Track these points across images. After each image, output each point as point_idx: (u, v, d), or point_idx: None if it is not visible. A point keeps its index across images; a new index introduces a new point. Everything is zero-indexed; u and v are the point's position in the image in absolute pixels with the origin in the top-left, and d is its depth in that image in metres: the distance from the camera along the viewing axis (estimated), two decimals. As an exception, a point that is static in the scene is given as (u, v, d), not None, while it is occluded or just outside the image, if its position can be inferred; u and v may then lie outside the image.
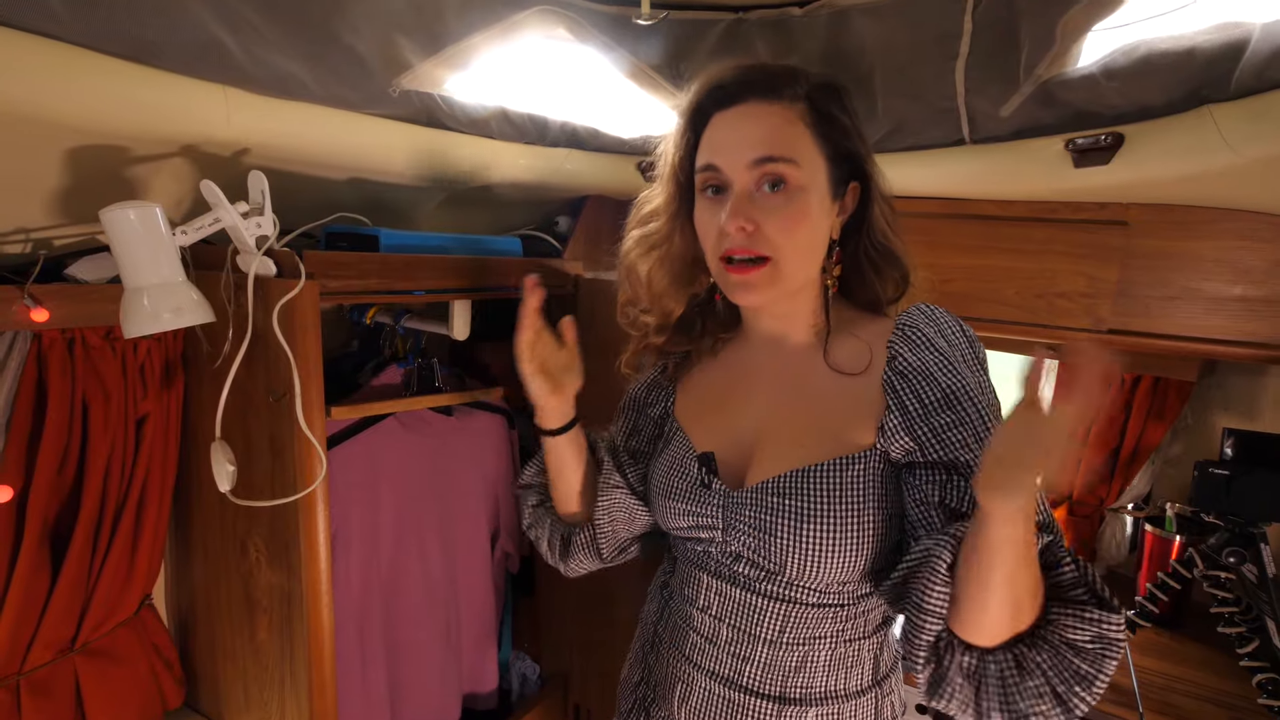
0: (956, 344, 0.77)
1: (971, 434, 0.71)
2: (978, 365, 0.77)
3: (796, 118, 0.75)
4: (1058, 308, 1.28)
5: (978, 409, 0.72)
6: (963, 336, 0.78)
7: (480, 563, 1.49)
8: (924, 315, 0.79)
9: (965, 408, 0.72)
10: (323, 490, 0.98)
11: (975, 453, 0.70)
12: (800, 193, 0.74)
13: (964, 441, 0.71)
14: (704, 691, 0.84)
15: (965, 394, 0.72)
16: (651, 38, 1.13)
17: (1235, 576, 1.22)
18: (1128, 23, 0.92)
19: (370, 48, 0.91)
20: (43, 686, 1.00)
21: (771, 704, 0.80)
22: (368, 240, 1.13)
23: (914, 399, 0.74)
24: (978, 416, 0.72)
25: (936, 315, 0.79)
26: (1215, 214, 1.15)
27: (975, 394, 0.72)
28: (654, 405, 0.97)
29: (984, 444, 0.69)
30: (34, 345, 0.94)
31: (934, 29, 1.01)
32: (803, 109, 0.75)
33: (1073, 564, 0.67)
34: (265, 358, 0.95)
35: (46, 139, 0.82)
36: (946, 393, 0.73)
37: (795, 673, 0.80)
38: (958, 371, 0.74)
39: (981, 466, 0.61)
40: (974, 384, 0.73)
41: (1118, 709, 1.20)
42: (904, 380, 0.75)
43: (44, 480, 0.96)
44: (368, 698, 1.27)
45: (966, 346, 0.77)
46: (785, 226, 0.74)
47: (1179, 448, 1.64)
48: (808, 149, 0.75)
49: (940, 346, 0.76)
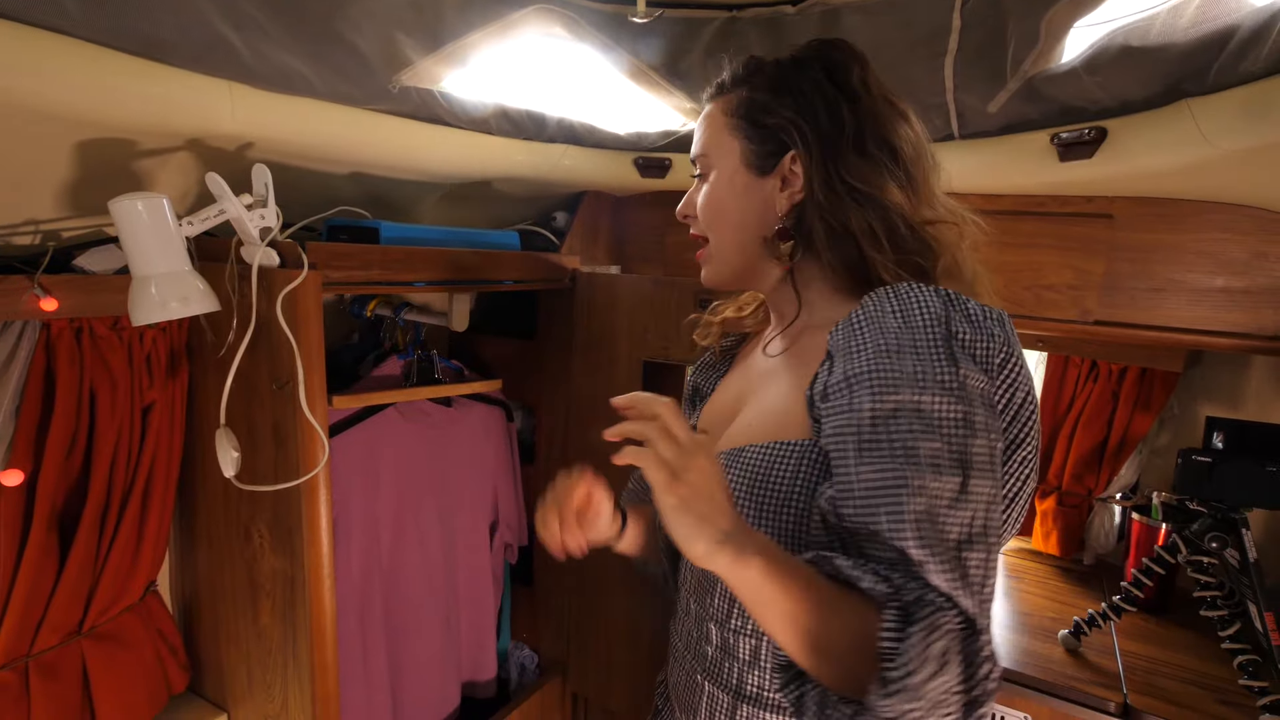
0: (917, 322, 0.62)
1: (853, 423, 0.60)
2: (942, 354, 0.60)
3: (720, 112, 0.81)
4: (1045, 300, 1.30)
5: (884, 397, 0.59)
6: (938, 318, 0.62)
7: (479, 552, 1.51)
8: (890, 290, 0.65)
9: (856, 391, 0.61)
10: (325, 476, 1.00)
11: (849, 447, 0.60)
12: (712, 177, 0.82)
13: (840, 430, 0.61)
14: (684, 669, 0.82)
15: (868, 376, 0.61)
16: (647, 35, 1.15)
17: (1218, 561, 1.24)
18: (1110, 19, 0.95)
19: (371, 45, 0.94)
20: (50, 669, 1.02)
21: (728, 697, 0.75)
22: (368, 233, 1.15)
23: (820, 381, 0.67)
24: (871, 405, 0.60)
25: (908, 290, 0.64)
26: (1197, 207, 1.18)
27: (891, 381, 0.60)
28: (704, 387, 0.98)
29: (866, 438, 0.59)
30: (43, 334, 0.96)
31: (923, 26, 1.04)
32: (733, 98, 0.80)
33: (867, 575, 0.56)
34: (268, 346, 0.97)
35: (56, 133, 0.84)
36: (847, 372, 0.63)
37: (749, 668, 0.73)
38: (882, 352, 0.61)
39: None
40: (904, 371, 0.60)
41: (1103, 691, 1.22)
42: (828, 361, 0.67)
43: (52, 466, 0.98)
44: (369, 682, 1.29)
45: (935, 328, 0.61)
46: (703, 208, 0.83)
47: (1165, 437, 1.67)
48: (720, 138, 0.81)
49: (885, 324, 0.63)
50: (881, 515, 0.57)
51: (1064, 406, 1.75)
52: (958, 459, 0.57)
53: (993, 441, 0.60)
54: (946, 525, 0.56)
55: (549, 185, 1.51)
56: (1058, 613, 1.49)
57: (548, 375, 1.57)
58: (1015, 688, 1.27)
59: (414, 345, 1.42)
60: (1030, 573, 1.69)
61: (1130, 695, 1.22)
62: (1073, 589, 1.61)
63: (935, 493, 0.56)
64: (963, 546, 0.56)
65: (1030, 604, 1.53)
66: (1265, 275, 1.14)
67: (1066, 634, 1.36)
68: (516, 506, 1.60)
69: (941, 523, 0.56)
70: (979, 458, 0.58)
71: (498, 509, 1.56)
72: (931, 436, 0.58)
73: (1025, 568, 1.71)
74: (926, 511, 0.56)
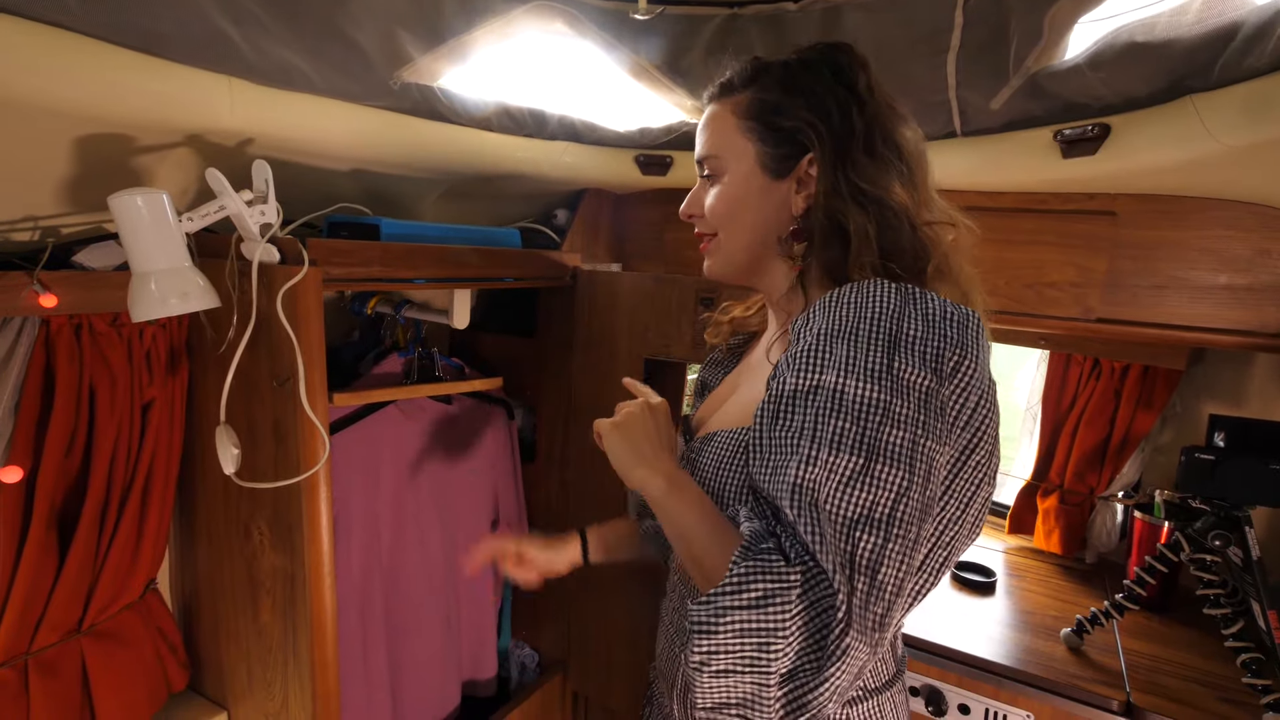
0: (868, 314, 0.64)
1: (770, 399, 0.66)
2: (882, 342, 0.62)
3: (729, 113, 0.80)
4: (1047, 297, 1.30)
5: (807, 378, 0.63)
6: (890, 312, 0.64)
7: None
8: (854, 284, 0.67)
9: (784, 371, 0.66)
10: (325, 473, 1.00)
11: (761, 421, 0.66)
12: (724, 175, 0.81)
13: (763, 404, 0.67)
14: (668, 644, 0.88)
15: (802, 360, 0.64)
16: (648, 32, 1.15)
17: (1221, 559, 1.24)
18: (1114, 14, 0.94)
19: (371, 41, 0.93)
20: (50, 667, 1.01)
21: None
22: (369, 229, 1.15)
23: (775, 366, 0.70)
24: (793, 384, 0.64)
25: (869, 284, 0.66)
26: (1200, 203, 1.17)
27: (822, 363, 0.63)
28: (711, 383, 1.01)
29: (772, 412, 0.65)
30: (42, 331, 0.96)
31: (925, 23, 1.03)
32: (742, 99, 0.80)
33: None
34: (269, 343, 0.97)
35: (55, 128, 0.84)
36: (789, 356, 0.67)
37: None
38: (823, 337, 0.64)
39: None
40: (838, 356, 0.63)
41: (1106, 689, 1.22)
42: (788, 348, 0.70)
43: (51, 463, 0.98)
44: (369, 680, 1.29)
45: (884, 319, 0.63)
46: (716, 205, 0.82)
47: (1168, 435, 1.66)
48: (733, 140, 0.80)
49: (837, 315, 0.65)
50: (775, 477, 0.63)
51: (1066, 404, 1.74)
52: (862, 442, 0.59)
53: (918, 437, 0.60)
54: (837, 501, 0.59)
55: (550, 182, 1.51)
56: (1060, 611, 1.49)
57: (548, 373, 1.57)
58: (1018, 686, 1.27)
59: (414, 343, 1.41)
60: (1032, 571, 1.68)
61: (1133, 694, 1.22)
62: (1075, 587, 1.61)
63: (830, 467, 0.59)
64: (855, 526, 0.58)
65: (1033, 602, 1.53)
66: (1268, 272, 1.14)
67: (1069, 632, 1.36)
68: (517, 505, 1.60)
69: (829, 497, 0.59)
70: (893, 447, 0.59)
71: (498, 507, 1.56)
72: (841, 417, 0.60)
73: (1027, 566, 1.71)
74: (811, 481, 0.60)
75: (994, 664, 1.29)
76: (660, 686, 0.92)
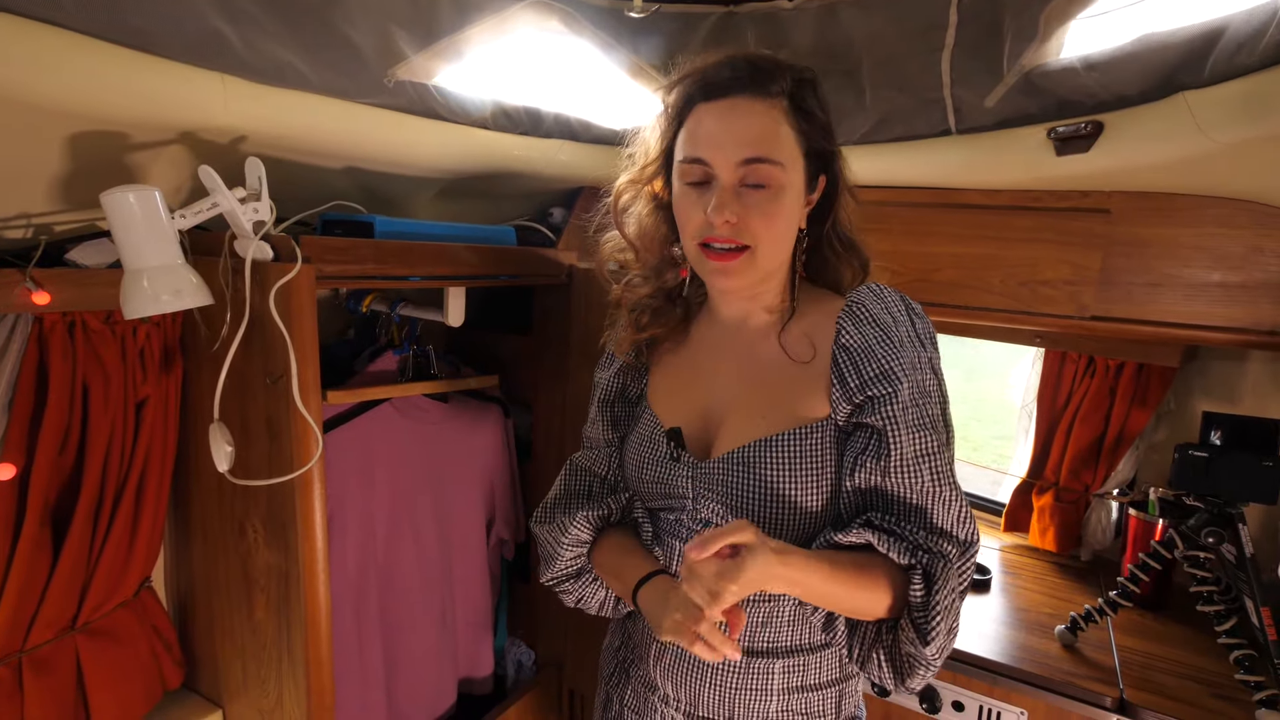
0: (900, 320, 0.81)
1: (900, 408, 0.76)
2: (918, 341, 0.80)
3: (781, 116, 0.78)
4: (1042, 295, 1.30)
5: (909, 384, 0.77)
6: (907, 314, 0.82)
7: (475, 549, 1.51)
8: (872, 293, 0.83)
9: (897, 382, 0.77)
10: (319, 470, 1.00)
11: (900, 426, 0.76)
12: (781, 191, 0.77)
13: (892, 415, 0.76)
14: (676, 649, 0.88)
15: (900, 369, 0.77)
16: (643, 30, 1.15)
17: (1214, 556, 1.24)
18: (1107, 11, 0.95)
19: (366, 38, 0.93)
20: (44, 665, 1.01)
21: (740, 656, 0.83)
22: (363, 227, 1.15)
23: (854, 372, 0.79)
24: (907, 392, 0.76)
25: (884, 293, 0.83)
26: (1194, 201, 1.17)
27: (909, 369, 0.77)
28: (631, 389, 0.98)
29: (909, 418, 0.76)
30: (35, 328, 0.96)
31: (920, 21, 1.04)
32: (785, 106, 0.78)
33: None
34: (262, 341, 0.97)
35: (48, 125, 0.83)
36: (883, 367, 0.77)
37: (762, 627, 0.84)
38: (896, 347, 0.78)
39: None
40: (909, 360, 0.78)
41: (1100, 686, 1.22)
42: (847, 354, 0.80)
43: (45, 461, 0.98)
44: (364, 677, 1.29)
45: (909, 323, 0.81)
46: (766, 222, 0.77)
47: (1162, 433, 1.67)
48: (791, 149, 0.78)
49: (884, 322, 0.80)
50: (925, 472, 0.76)
51: (1061, 402, 1.75)
52: (945, 420, 0.80)
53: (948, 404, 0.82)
54: (946, 472, 0.77)
55: (545, 180, 1.51)
56: (1054, 608, 1.49)
57: (545, 371, 1.56)
58: (1012, 683, 1.28)
59: (410, 341, 1.41)
60: (1027, 568, 1.69)
61: (1127, 690, 1.22)
62: (1069, 584, 1.61)
63: (943, 446, 0.78)
64: (953, 488, 0.77)
65: (1027, 600, 1.53)
66: (1262, 270, 1.14)
67: (1063, 629, 1.36)
68: (513, 503, 1.60)
69: (944, 470, 0.77)
70: (949, 417, 0.81)
71: (494, 505, 1.56)
72: (933, 405, 0.78)
73: (1022, 563, 1.71)
74: (945, 463, 0.77)
75: (988, 661, 1.30)
76: (629, 664, 0.97)
